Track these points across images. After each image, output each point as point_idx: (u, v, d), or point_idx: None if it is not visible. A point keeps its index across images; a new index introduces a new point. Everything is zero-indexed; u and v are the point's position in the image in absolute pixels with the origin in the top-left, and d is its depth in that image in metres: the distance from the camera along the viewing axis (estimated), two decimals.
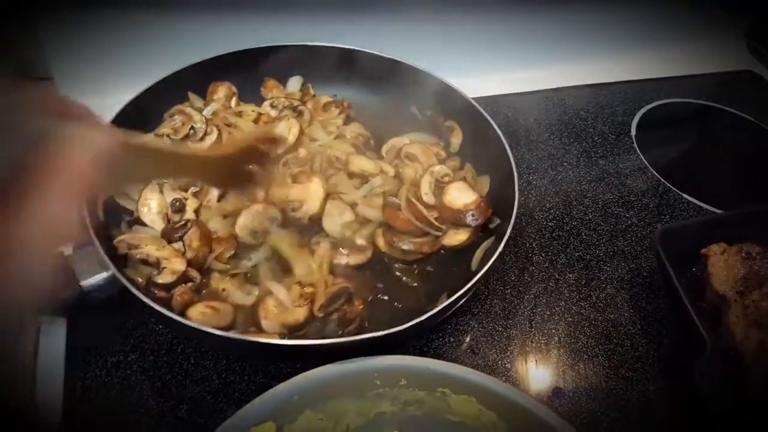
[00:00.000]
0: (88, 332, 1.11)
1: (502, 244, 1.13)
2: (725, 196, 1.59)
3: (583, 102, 1.81)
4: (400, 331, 0.98)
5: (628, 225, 1.47)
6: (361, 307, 1.13)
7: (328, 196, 1.26)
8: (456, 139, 1.47)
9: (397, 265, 1.24)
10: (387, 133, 1.47)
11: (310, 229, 1.23)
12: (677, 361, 1.20)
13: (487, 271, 1.09)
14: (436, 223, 1.27)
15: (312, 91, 1.53)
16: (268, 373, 1.09)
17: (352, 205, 1.28)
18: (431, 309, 1.03)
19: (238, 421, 0.83)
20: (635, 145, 1.70)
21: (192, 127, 1.32)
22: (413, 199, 1.28)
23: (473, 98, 1.40)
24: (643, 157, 1.66)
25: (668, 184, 1.59)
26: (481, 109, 1.39)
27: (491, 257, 1.11)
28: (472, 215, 1.26)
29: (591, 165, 1.61)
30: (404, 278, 1.22)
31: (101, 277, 1.00)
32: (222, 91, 1.44)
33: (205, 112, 1.38)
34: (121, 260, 1.08)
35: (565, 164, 1.60)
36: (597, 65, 1.92)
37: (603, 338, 1.23)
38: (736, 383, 1.09)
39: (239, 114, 1.41)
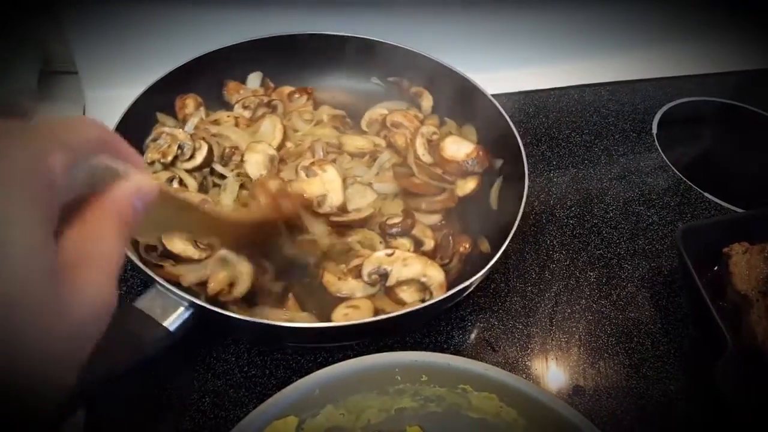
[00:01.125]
0: None
1: (526, 185, 1.21)
2: (747, 194, 1.57)
3: (603, 99, 1.80)
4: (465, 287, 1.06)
5: (648, 223, 1.46)
6: None
7: (344, 181, 1.30)
8: (427, 102, 1.52)
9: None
10: (357, 108, 1.51)
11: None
12: (698, 360, 1.19)
13: (523, 212, 1.16)
14: (449, 178, 1.34)
15: (272, 84, 1.54)
16: (290, 368, 1.10)
17: (368, 185, 1.33)
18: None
19: (259, 415, 0.83)
20: (656, 143, 1.69)
21: (180, 147, 1.29)
22: (422, 162, 1.34)
23: (492, 95, 1.41)
24: (664, 156, 1.65)
25: (690, 183, 1.58)
26: (443, 62, 1.46)
27: (520, 199, 1.18)
28: (476, 162, 1.34)
29: (612, 163, 1.60)
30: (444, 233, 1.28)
31: (179, 312, 0.99)
32: (191, 103, 1.42)
33: (187, 128, 1.36)
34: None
35: (586, 162, 1.59)
36: (617, 62, 1.91)
37: (624, 337, 1.22)
38: (758, 383, 1.08)
39: (216, 122, 1.39)
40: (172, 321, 0.98)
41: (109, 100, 1.46)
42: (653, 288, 1.32)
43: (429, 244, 1.25)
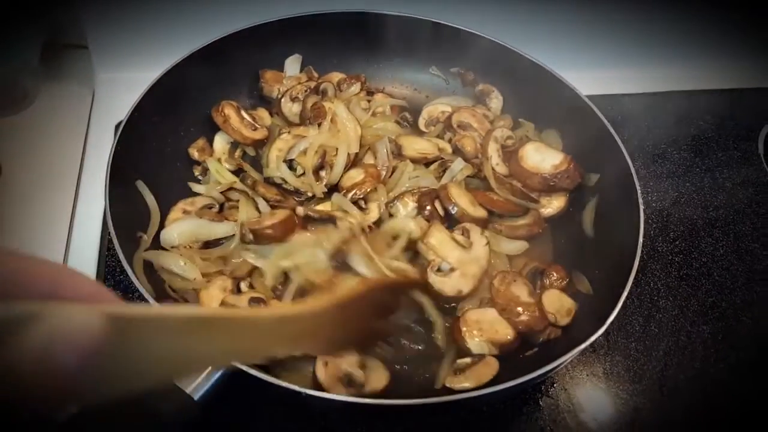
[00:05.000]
0: None
1: (641, 211, 0.96)
2: None
3: (700, 110, 1.52)
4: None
5: (766, 265, 1.20)
6: None
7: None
8: (496, 102, 1.27)
9: None
10: (412, 103, 1.28)
11: None
12: None
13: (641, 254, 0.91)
14: (534, 196, 1.09)
15: (315, 73, 1.27)
16: None
17: None
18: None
19: None
20: (765, 165, 1.42)
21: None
22: (502, 175, 1.10)
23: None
24: None
25: None
26: (521, 51, 1.21)
27: (621, 225, 0.97)
28: (568, 177, 1.08)
29: (717, 188, 1.34)
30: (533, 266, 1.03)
31: (208, 375, 0.72)
32: (230, 111, 1.13)
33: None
34: None
35: (688, 185, 1.33)
36: (714, 69, 1.63)
37: (752, 415, 0.97)
38: None
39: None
40: (198, 387, 0.70)
41: (124, 83, 1.22)
42: None
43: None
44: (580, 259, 1.04)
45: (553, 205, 1.10)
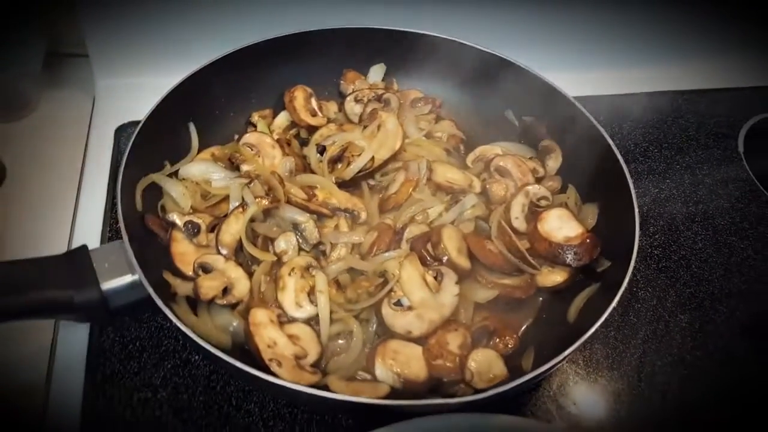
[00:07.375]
0: (110, 358, 0.93)
1: (616, 299, 0.91)
2: None
3: (681, 110, 1.57)
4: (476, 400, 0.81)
5: (743, 257, 1.25)
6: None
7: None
8: (553, 163, 1.21)
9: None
10: (474, 138, 1.26)
11: None
12: None
13: (592, 334, 0.87)
14: (532, 260, 1.01)
15: (396, 86, 1.33)
16: (324, 424, 0.90)
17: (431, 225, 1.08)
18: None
19: None
20: (744, 162, 1.46)
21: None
22: (507, 227, 1.05)
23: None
24: (754, 178, 1.42)
25: None
26: (596, 122, 1.14)
27: (599, 315, 0.89)
28: (575, 253, 1.00)
29: (697, 184, 1.38)
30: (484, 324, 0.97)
31: (125, 280, 0.83)
32: (300, 94, 1.22)
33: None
34: (153, 263, 0.88)
35: (668, 181, 1.37)
36: (695, 69, 1.68)
37: (726, 400, 1.02)
38: None
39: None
40: (110, 286, 0.82)
41: (123, 89, 1.28)
42: (756, 340, 1.11)
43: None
44: (547, 338, 0.98)
45: (552, 277, 1.02)
